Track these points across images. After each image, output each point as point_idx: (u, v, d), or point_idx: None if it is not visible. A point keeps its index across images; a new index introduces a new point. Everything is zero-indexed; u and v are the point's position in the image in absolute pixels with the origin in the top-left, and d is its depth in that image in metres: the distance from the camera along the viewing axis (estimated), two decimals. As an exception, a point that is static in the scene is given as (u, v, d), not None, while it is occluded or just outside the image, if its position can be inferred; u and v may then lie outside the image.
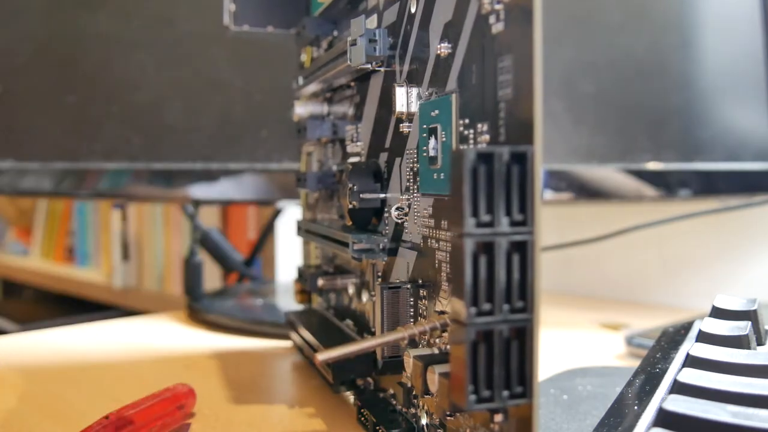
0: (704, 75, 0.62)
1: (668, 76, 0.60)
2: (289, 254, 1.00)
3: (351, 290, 0.36)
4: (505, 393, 0.19)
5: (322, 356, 0.23)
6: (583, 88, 0.58)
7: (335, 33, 0.38)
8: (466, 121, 0.23)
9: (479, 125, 0.22)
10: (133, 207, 1.20)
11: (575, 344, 0.52)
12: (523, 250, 0.19)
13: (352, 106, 0.35)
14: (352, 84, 0.35)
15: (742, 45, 0.62)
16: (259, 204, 0.79)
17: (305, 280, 0.42)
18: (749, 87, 0.62)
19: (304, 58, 0.42)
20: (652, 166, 0.59)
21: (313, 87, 0.39)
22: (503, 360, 0.19)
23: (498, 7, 0.21)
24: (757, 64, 0.62)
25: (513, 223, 0.19)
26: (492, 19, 0.21)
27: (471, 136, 0.23)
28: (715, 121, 0.62)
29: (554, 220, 0.74)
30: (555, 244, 0.67)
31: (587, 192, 0.59)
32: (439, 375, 0.23)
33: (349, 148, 0.36)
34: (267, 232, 0.78)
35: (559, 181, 0.58)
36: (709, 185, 0.61)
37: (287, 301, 0.59)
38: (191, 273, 0.62)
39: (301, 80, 0.40)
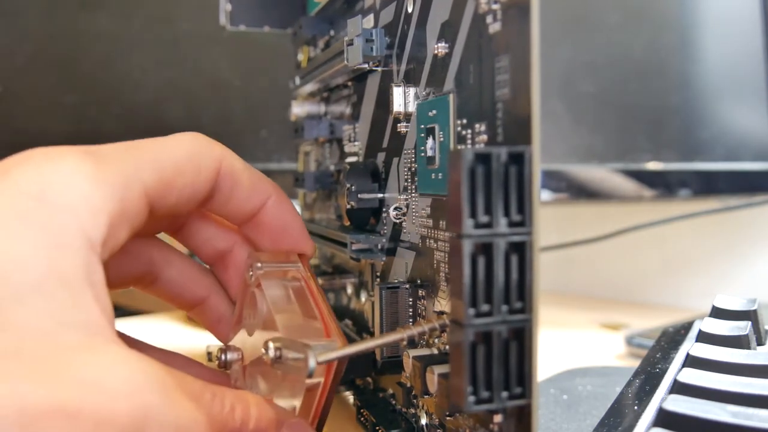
0: (704, 75, 0.62)
1: (668, 75, 0.60)
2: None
3: (349, 290, 0.36)
4: (504, 394, 0.19)
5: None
6: (582, 88, 0.58)
7: (332, 32, 0.38)
8: (464, 121, 0.23)
9: (477, 125, 0.22)
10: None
11: (575, 344, 0.52)
12: (521, 251, 0.19)
13: (350, 106, 0.35)
14: (350, 84, 0.35)
15: (742, 45, 0.62)
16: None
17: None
18: (749, 87, 0.62)
19: (301, 57, 0.42)
20: (652, 166, 0.59)
21: (310, 87, 0.39)
22: (502, 361, 0.19)
23: (495, 6, 0.21)
24: (757, 64, 0.62)
25: (511, 224, 0.19)
26: (489, 18, 0.21)
27: (469, 136, 0.23)
28: (715, 121, 0.62)
29: (554, 220, 0.74)
30: (555, 244, 0.67)
31: (587, 192, 0.59)
32: (438, 375, 0.23)
33: (347, 148, 0.35)
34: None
35: (559, 181, 0.58)
36: (709, 185, 0.61)
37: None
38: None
39: (297, 80, 0.40)
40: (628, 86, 0.59)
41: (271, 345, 0.23)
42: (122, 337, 0.25)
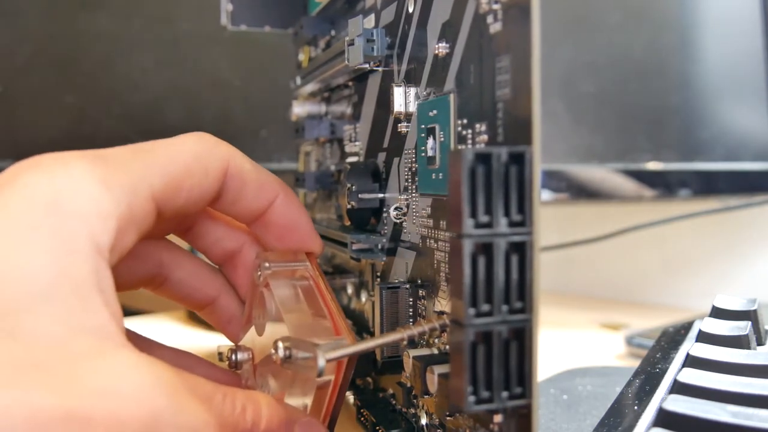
0: (704, 75, 0.62)
1: (668, 75, 0.60)
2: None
3: (350, 290, 0.36)
4: (505, 394, 0.19)
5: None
6: (582, 88, 0.58)
7: (333, 32, 0.38)
8: (465, 121, 0.23)
9: (477, 125, 0.22)
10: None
11: (575, 344, 0.52)
12: (521, 251, 0.19)
13: (350, 106, 0.35)
14: (350, 84, 0.35)
15: (742, 45, 0.62)
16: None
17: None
18: (749, 87, 0.62)
19: (302, 57, 0.42)
20: (652, 166, 0.59)
21: (311, 87, 0.39)
22: (502, 361, 0.19)
23: (496, 6, 0.21)
24: (757, 64, 0.62)
25: (511, 224, 0.19)
26: (490, 18, 0.21)
27: (469, 136, 0.23)
28: (715, 121, 0.62)
29: (554, 220, 0.74)
30: (555, 244, 0.67)
31: (587, 192, 0.58)
32: (439, 376, 0.23)
33: (348, 148, 0.35)
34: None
35: (559, 181, 0.58)
36: (709, 185, 0.61)
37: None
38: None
39: (298, 80, 0.40)
40: (628, 86, 0.59)
41: (280, 345, 0.23)
42: (133, 338, 0.25)
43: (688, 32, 0.62)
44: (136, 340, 0.27)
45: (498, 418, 0.21)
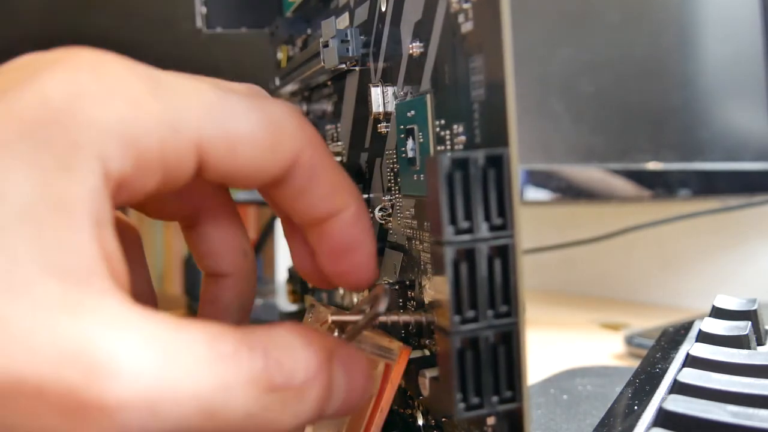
0: (704, 75, 0.62)
1: (668, 75, 0.60)
2: (289, 255, 1.00)
3: (341, 290, 0.36)
4: (495, 399, 0.19)
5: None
6: (582, 88, 0.58)
7: (309, 31, 0.37)
8: (442, 122, 0.22)
9: (455, 126, 0.22)
10: (132, 208, 1.20)
11: (575, 344, 0.52)
12: (504, 254, 0.18)
13: (331, 104, 0.35)
14: (329, 83, 0.35)
15: (742, 45, 0.62)
16: (259, 205, 0.79)
17: (296, 281, 0.41)
18: (749, 87, 0.62)
19: (281, 56, 0.42)
20: (652, 166, 0.59)
21: (290, 87, 0.38)
22: (491, 366, 0.18)
23: (466, 6, 0.20)
24: (757, 64, 0.62)
25: (492, 228, 0.18)
26: (461, 18, 0.21)
27: (448, 137, 0.22)
28: (715, 121, 0.62)
29: (554, 220, 0.74)
30: (555, 244, 0.67)
31: (587, 192, 0.58)
32: (430, 379, 0.22)
33: (330, 148, 0.35)
34: (267, 232, 0.78)
35: (559, 181, 0.58)
36: (709, 185, 0.61)
37: (287, 301, 0.59)
38: (191, 273, 0.62)
39: (277, 81, 0.39)
40: (628, 86, 0.59)
41: None
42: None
43: (688, 32, 0.61)
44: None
45: (491, 420, 0.20)
